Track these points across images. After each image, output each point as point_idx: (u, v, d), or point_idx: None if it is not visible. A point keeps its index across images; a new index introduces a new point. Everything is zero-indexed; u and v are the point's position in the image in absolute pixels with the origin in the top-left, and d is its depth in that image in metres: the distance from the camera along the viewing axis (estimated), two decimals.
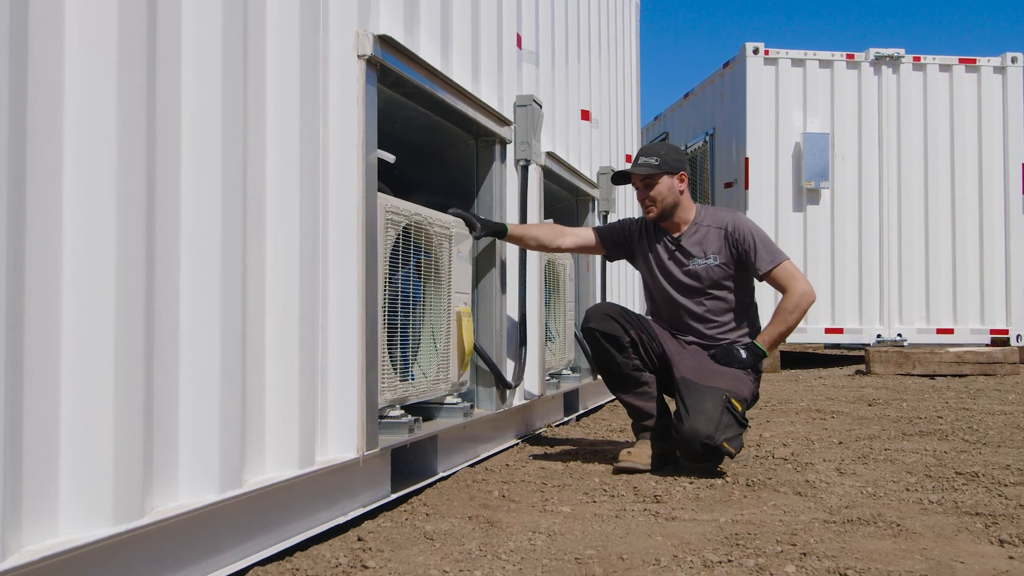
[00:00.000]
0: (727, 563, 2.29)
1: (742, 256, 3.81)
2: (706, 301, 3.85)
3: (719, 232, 3.84)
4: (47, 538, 1.67)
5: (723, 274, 3.82)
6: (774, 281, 3.81)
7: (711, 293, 3.84)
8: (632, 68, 7.89)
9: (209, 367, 2.07)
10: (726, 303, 3.86)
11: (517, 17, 4.42)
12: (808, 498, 3.09)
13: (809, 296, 3.80)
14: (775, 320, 3.80)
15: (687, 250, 3.86)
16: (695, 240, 3.86)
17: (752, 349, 3.78)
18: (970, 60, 10.60)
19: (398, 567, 2.26)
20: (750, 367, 3.76)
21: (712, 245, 3.83)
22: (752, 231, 3.84)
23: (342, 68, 2.70)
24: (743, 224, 3.85)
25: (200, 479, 2.04)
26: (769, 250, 3.82)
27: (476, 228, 3.70)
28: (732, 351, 3.77)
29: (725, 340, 3.85)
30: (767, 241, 3.85)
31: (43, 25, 1.68)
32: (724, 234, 3.83)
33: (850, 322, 10.36)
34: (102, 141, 1.78)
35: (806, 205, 10.37)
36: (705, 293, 3.84)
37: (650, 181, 3.84)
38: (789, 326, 3.79)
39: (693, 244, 3.85)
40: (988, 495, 3.11)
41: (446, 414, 3.51)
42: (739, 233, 3.82)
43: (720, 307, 3.85)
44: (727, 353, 3.76)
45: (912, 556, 2.35)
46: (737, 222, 3.85)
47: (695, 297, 3.85)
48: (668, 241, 3.91)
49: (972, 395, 7.00)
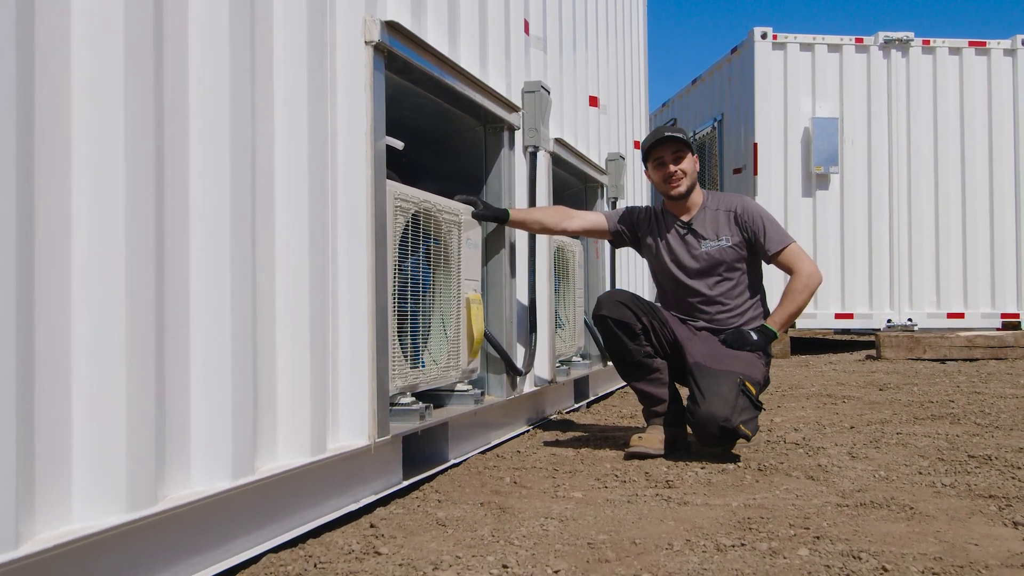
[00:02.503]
0: (740, 547, 2.28)
1: (751, 238, 3.83)
2: (717, 284, 3.85)
3: (728, 215, 3.86)
4: (60, 526, 1.67)
5: (735, 255, 3.83)
6: (782, 263, 3.82)
7: (723, 275, 3.84)
8: (640, 54, 7.85)
9: (220, 355, 2.07)
10: (738, 286, 3.86)
11: (525, 3, 4.40)
12: (820, 482, 3.09)
13: (816, 277, 3.82)
14: (784, 301, 3.80)
15: (699, 233, 3.86)
16: (706, 223, 3.86)
17: (763, 331, 3.78)
18: (980, 43, 10.52)
19: (411, 553, 2.27)
20: (762, 349, 3.77)
21: (723, 227, 3.85)
22: (760, 214, 3.86)
23: (349, 55, 2.69)
24: (751, 207, 3.88)
25: (212, 466, 2.05)
26: (777, 232, 3.84)
27: (478, 207, 3.68)
28: (743, 334, 3.77)
29: (734, 324, 3.85)
30: (775, 224, 3.87)
31: (49, 11, 1.68)
32: (734, 216, 3.85)
33: (860, 307, 10.33)
34: (110, 130, 1.77)
35: (815, 190, 10.33)
36: (717, 275, 3.85)
37: (680, 154, 3.86)
38: (798, 306, 3.79)
39: (704, 227, 3.86)
40: (1001, 478, 3.09)
41: (457, 401, 3.51)
42: (748, 215, 3.83)
43: (731, 290, 3.86)
44: (739, 336, 3.76)
45: (926, 539, 2.35)
46: (745, 205, 3.88)
47: (706, 279, 3.85)
48: (679, 226, 3.91)
49: (983, 379, 6.97)
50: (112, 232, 1.77)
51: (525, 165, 4.29)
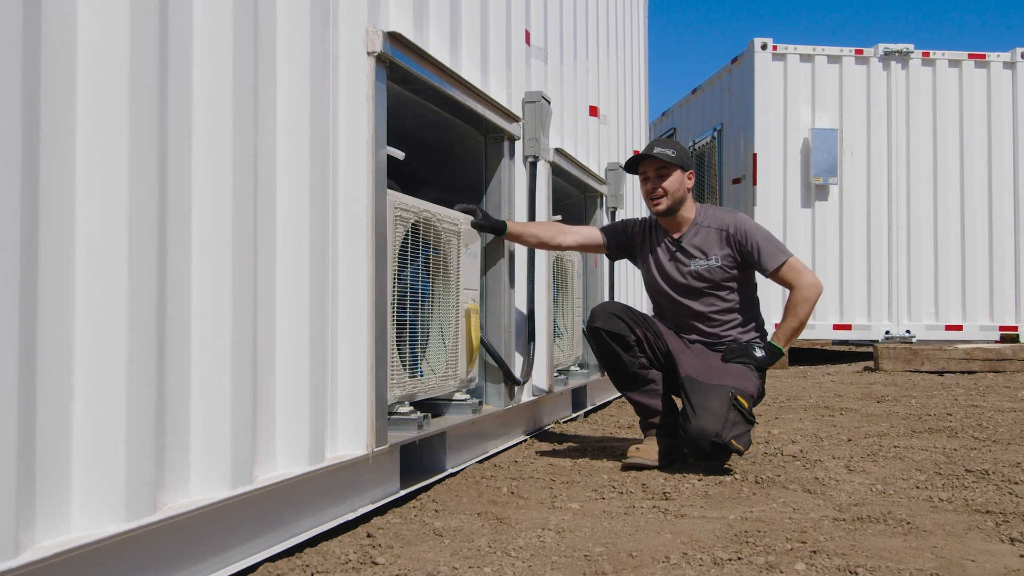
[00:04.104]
0: (737, 560, 2.28)
1: (745, 257, 3.80)
2: (708, 301, 3.83)
3: (719, 233, 3.81)
4: (60, 534, 1.67)
5: (724, 275, 3.80)
6: (781, 279, 3.79)
7: (712, 293, 3.82)
8: (640, 64, 7.88)
9: (220, 363, 2.07)
10: (728, 302, 3.84)
11: (526, 13, 4.42)
12: (818, 495, 3.09)
13: (817, 288, 3.78)
14: (786, 316, 3.78)
15: (687, 251, 3.84)
16: (695, 241, 3.84)
17: (769, 348, 3.77)
18: (980, 55, 10.56)
19: (407, 563, 2.27)
20: (767, 366, 3.75)
21: (713, 246, 3.81)
22: (754, 231, 3.81)
23: (352, 65, 2.70)
24: (744, 224, 3.82)
25: (211, 475, 2.05)
26: (773, 248, 3.79)
27: (477, 216, 3.69)
28: (748, 349, 3.75)
29: (729, 337, 3.84)
30: (770, 239, 3.82)
31: (56, 21, 1.68)
32: (725, 235, 3.80)
33: (859, 318, 10.35)
34: (114, 138, 1.78)
35: (814, 201, 10.35)
36: (706, 293, 3.83)
37: (664, 172, 3.82)
38: (800, 320, 3.77)
39: (693, 245, 3.84)
40: (998, 493, 3.10)
41: (455, 410, 3.51)
42: (740, 234, 3.79)
43: (722, 306, 3.84)
44: (743, 351, 3.75)
45: (922, 554, 2.35)
46: (738, 223, 3.82)
47: (696, 298, 3.84)
48: (668, 242, 3.90)
49: (981, 392, 6.98)
50: (114, 240, 1.77)
51: (525, 175, 4.30)
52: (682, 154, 3.86)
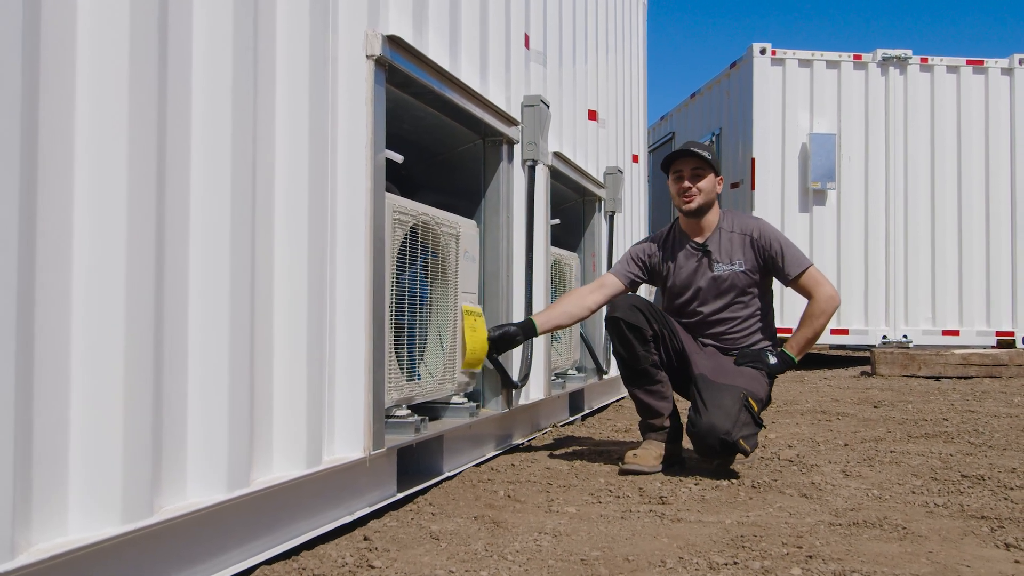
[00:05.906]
0: (733, 565, 2.29)
1: (768, 263, 3.82)
2: (729, 306, 3.84)
3: (744, 238, 3.83)
4: (57, 536, 1.67)
5: (748, 281, 3.82)
6: (801, 287, 3.81)
7: (735, 300, 3.84)
8: (639, 68, 7.88)
9: (218, 366, 2.07)
10: (749, 308, 3.85)
11: (525, 17, 4.42)
12: (814, 500, 3.09)
13: (835, 300, 3.80)
14: (802, 325, 3.80)
15: (713, 256, 3.85)
16: (721, 246, 3.85)
17: (782, 357, 3.78)
18: (977, 61, 10.58)
19: (404, 567, 2.27)
20: (778, 373, 3.77)
21: (737, 251, 3.82)
22: (777, 238, 3.85)
23: (351, 68, 2.70)
24: (768, 231, 3.86)
25: (208, 478, 2.05)
26: (795, 256, 3.82)
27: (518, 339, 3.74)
28: (761, 356, 3.76)
29: (743, 344, 3.85)
30: (792, 247, 3.85)
31: (55, 21, 1.69)
32: (750, 240, 3.82)
33: (856, 323, 10.36)
34: (113, 138, 1.78)
35: (812, 206, 10.37)
36: (727, 298, 3.83)
37: (700, 172, 3.84)
38: (816, 331, 3.79)
39: (719, 250, 3.85)
40: (994, 498, 3.10)
41: (452, 414, 3.51)
42: (765, 240, 3.82)
43: (742, 313, 3.85)
44: (756, 357, 3.76)
45: (918, 559, 2.35)
46: (762, 228, 3.86)
47: (718, 302, 3.84)
48: (692, 247, 3.90)
49: (978, 397, 6.99)
50: (113, 242, 1.78)
51: (524, 179, 4.30)
52: (716, 158, 3.89)
